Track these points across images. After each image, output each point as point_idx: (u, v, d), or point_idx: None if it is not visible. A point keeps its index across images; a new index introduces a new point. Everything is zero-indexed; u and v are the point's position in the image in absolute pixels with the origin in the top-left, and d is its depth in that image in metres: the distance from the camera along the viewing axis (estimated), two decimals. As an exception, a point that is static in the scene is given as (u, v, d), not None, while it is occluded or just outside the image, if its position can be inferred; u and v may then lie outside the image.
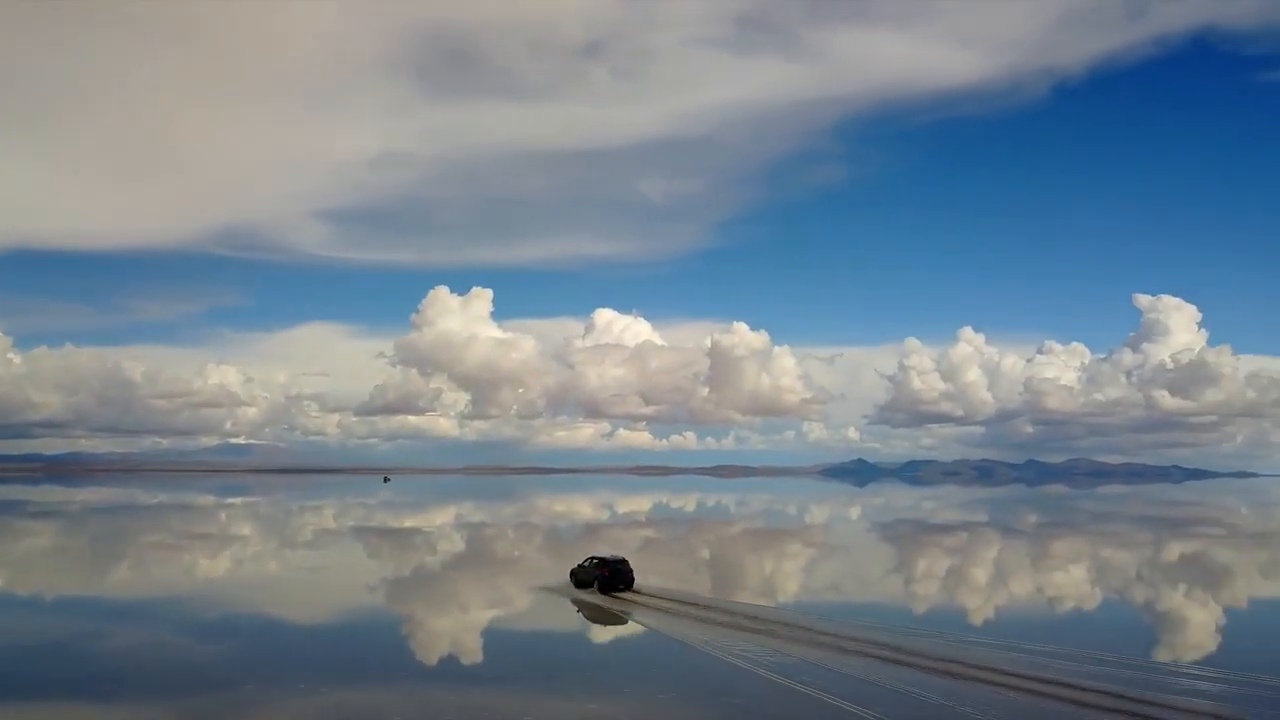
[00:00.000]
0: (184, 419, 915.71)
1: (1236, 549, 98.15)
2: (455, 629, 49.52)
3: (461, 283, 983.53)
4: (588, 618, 49.78)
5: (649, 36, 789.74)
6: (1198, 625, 51.36)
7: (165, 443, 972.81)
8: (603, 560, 55.63)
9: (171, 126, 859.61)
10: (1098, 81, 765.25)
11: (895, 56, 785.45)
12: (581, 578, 56.43)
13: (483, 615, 53.97)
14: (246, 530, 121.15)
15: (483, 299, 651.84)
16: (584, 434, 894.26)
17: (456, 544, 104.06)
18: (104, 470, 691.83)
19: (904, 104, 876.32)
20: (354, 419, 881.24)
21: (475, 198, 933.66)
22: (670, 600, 51.51)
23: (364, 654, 40.76)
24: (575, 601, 53.68)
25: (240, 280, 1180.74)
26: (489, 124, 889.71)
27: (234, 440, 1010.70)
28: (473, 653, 42.63)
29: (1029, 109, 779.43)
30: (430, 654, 42.85)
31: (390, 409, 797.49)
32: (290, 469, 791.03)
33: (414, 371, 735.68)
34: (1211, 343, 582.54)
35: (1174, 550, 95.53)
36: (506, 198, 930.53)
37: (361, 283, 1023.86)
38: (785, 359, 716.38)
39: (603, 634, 46.86)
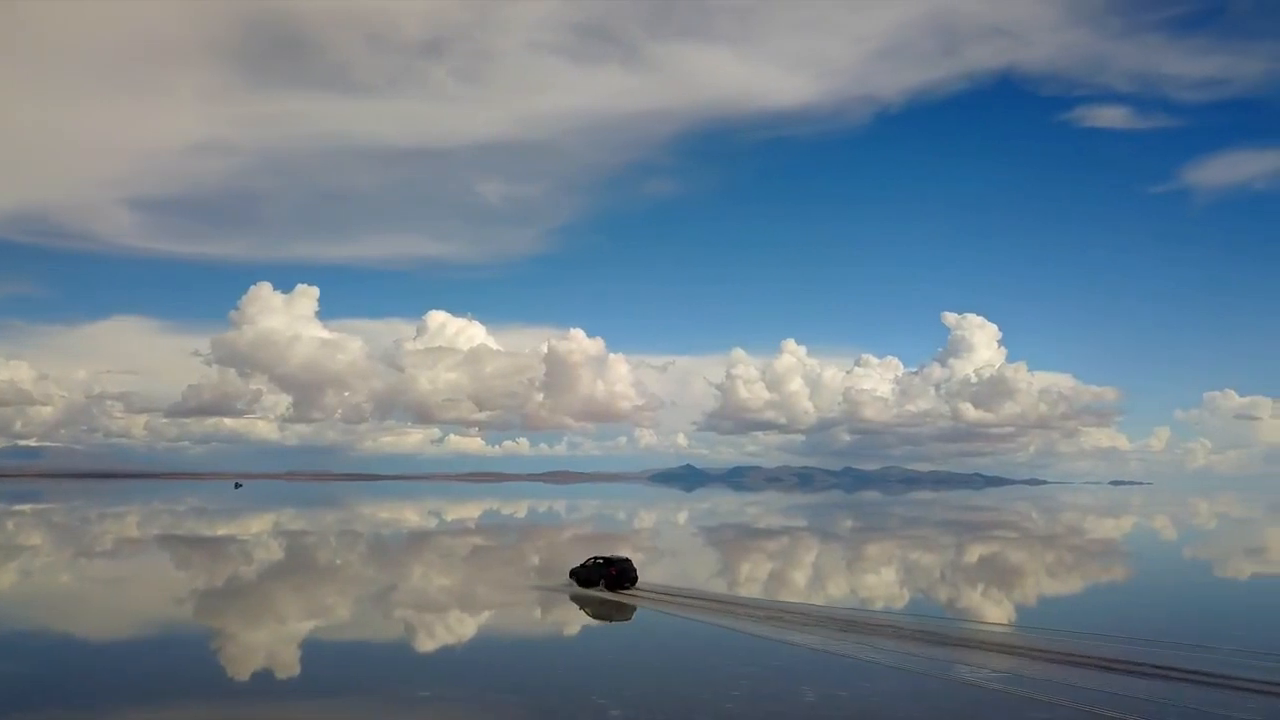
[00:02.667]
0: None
1: (1028, 548, 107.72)
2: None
3: (285, 279, 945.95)
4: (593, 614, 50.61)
5: (490, 39, 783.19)
6: (1015, 595, 58.71)
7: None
8: (608, 560, 58.70)
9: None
10: (914, 111, 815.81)
11: (728, 75, 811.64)
12: (585, 576, 59.00)
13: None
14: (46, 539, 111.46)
15: (308, 297, 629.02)
16: (413, 439, 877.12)
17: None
18: None
19: (735, 122, 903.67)
20: (164, 420, 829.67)
21: (302, 191, 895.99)
22: (670, 594, 56.49)
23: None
24: (577, 598, 56.35)
25: (36, 269, 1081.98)
26: (320, 116, 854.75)
27: (23, 443, 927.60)
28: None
29: (852, 134, 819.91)
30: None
31: (205, 410, 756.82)
32: (89, 474, 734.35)
33: (232, 371, 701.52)
34: (1010, 359, 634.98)
35: (975, 551, 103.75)
36: (336, 193, 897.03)
37: (176, 276, 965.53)
38: (620, 366, 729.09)
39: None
